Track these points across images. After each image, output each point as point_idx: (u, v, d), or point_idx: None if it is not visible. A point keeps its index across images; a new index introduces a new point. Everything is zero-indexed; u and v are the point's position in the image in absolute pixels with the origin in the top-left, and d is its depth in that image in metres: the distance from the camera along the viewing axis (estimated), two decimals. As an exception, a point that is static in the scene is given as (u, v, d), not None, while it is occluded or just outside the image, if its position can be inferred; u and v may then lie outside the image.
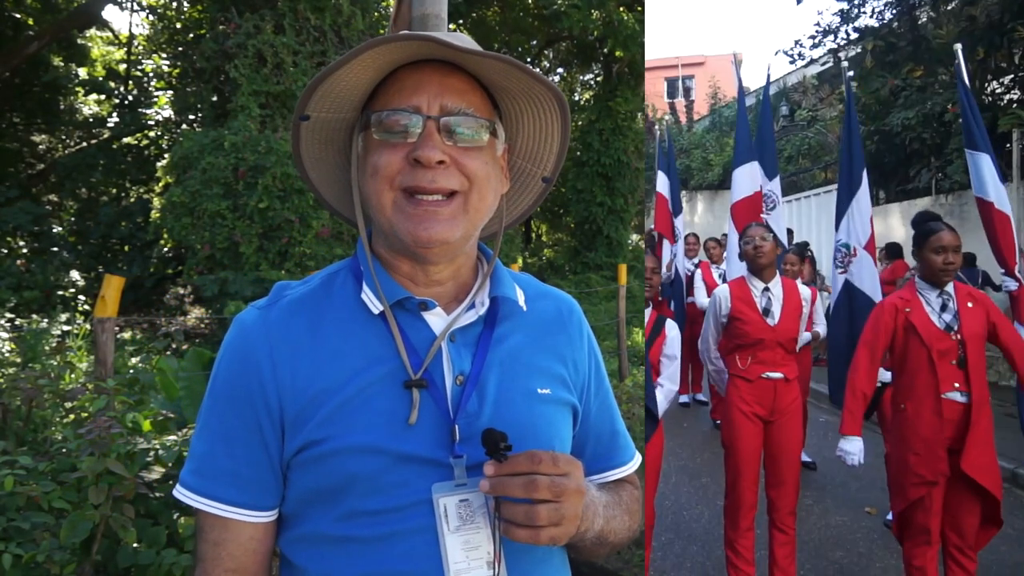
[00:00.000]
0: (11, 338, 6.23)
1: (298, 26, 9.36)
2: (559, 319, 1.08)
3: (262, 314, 0.96)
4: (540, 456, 0.84)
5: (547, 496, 0.82)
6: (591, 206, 14.22)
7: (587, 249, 14.49)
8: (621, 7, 12.23)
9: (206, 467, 0.93)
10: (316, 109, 0.95)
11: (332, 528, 0.90)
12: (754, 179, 5.40)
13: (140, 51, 14.49)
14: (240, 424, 0.92)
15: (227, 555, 0.92)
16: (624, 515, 1.05)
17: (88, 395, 3.00)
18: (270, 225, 8.18)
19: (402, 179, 0.90)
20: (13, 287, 9.09)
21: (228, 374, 0.94)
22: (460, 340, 0.96)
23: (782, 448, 3.17)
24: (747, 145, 5.51)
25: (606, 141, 14.04)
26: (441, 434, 0.91)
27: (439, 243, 0.91)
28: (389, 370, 0.91)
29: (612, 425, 1.14)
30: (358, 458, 0.88)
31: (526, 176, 1.10)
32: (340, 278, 1.00)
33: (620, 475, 1.13)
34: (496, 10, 15.47)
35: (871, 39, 11.26)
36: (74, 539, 2.13)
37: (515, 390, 0.97)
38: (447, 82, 0.92)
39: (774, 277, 3.29)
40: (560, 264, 15.32)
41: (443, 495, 0.89)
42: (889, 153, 11.29)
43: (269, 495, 0.93)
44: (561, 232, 18.52)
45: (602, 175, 14.15)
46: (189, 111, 11.55)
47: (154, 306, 10.95)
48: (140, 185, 13.09)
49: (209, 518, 0.92)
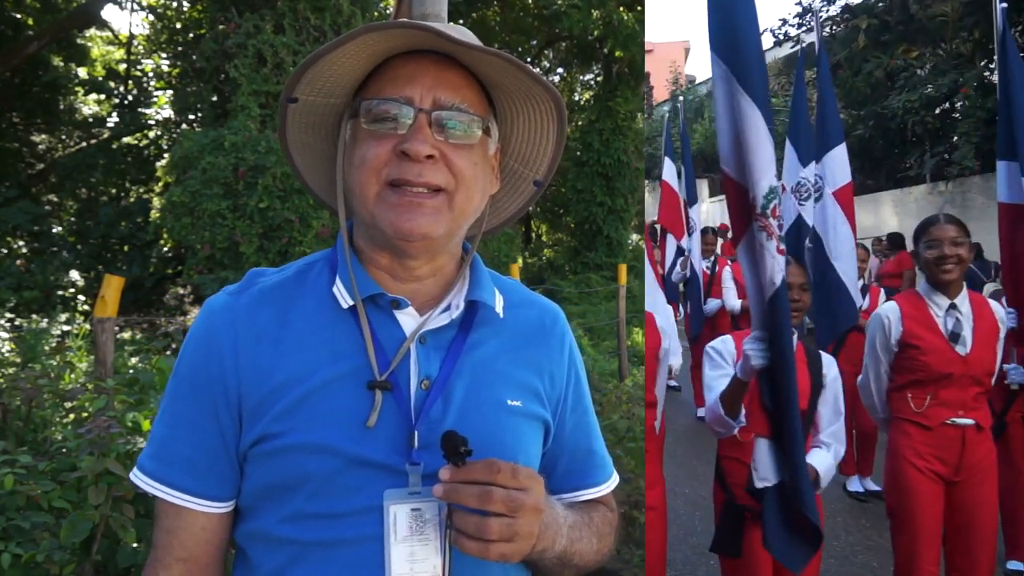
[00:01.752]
0: (11, 338, 6.22)
1: (298, 26, 9.36)
2: (540, 329, 1.04)
3: (231, 300, 0.93)
4: (500, 466, 0.80)
5: (501, 509, 0.78)
6: (591, 206, 14.21)
7: (587, 249, 14.47)
8: (621, 7, 12.22)
9: (163, 452, 0.91)
10: (305, 92, 0.92)
11: (277, 528, 0.87)
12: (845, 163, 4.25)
13: (140, 51, 14.46)
14: (199, 410, 0.90)
15: (179, 544, 0.90)
16: (592, 537, 0.99)
17: (88, 395, 3.00)
18: (270, 225, 8.18)
19: (388, 171, 0.87)
20: (13, 287, 9.08)
21: (191, 358, 0.92)
22: (431, 343, 0.93)
23: (974, 517, 2.46)
24: (836, 123, 4.23)
25: (606, 141, 14.03)
26: (400, 439, 0.87)
27: (420, 236, 0.88)
28: (353, 367, 0.88)
29: (588, 443, 1.09)
30: (311, 457, 0.85)
31: (517, 178, 1.07)
32: (316, 269, 0.97)
33: (592, 495, 1.08)
34: (496, 10, 15.45)
35: (864, 17, 10.70)
36: (74, 539, 2.13)
37: (483, 399, 0.93)
38: (443, 75, 0.89)
39: (961, 291, 2.58)
40: (560, 264, 15.30)
41: (394, 502, 0.85)
42: (882, 138, 10.75)
43: (224, 486, 0.91)
44: (561, 232, 18.50)
45: (602, 175, 14.14)
46: (189, 111, 11.53)
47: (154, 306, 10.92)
48: (140, 185, 13.07)
49: (164, 505, 0.91)
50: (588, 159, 14.22)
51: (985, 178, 9.53)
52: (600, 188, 14.16)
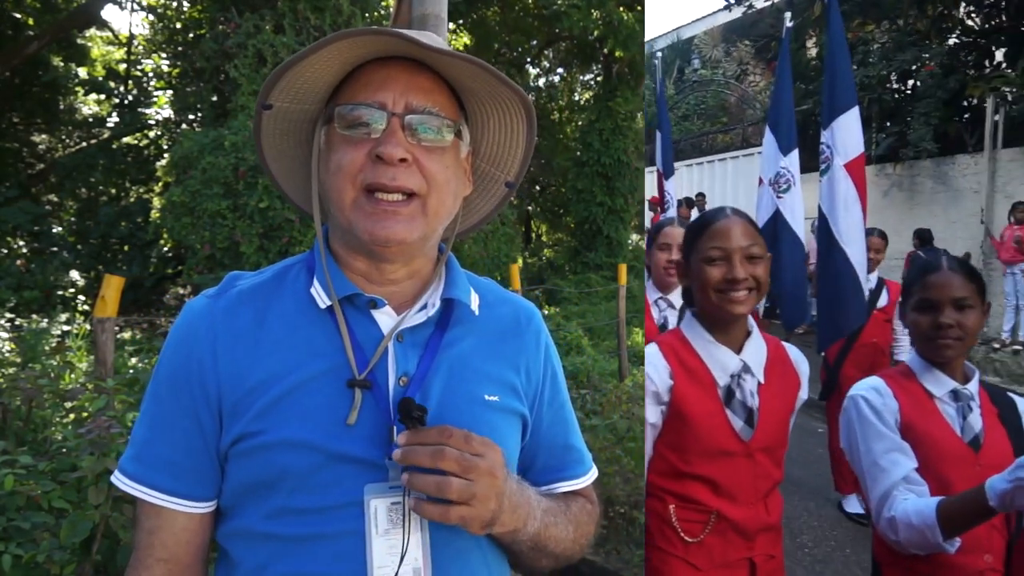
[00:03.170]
0: (11, 338, 6.22)
1: (298, 26, 9.36)
2: (516, 326, 1.06)
3: (210, 303, 0.95)
4: (451, 431, 0.84)
5: (454, 469, 0.82)
6: (591, 206, 14.21)
7: (587, 249, 14.48)
8: (621, 7, 12.23)
9: (144, 453, 0.92)
10: (279, 99, 0.94)
11: (261, 524, 0.88)
12: (858, 131, 3.64)
13: (140, 51, 14.48)
14: (179, 412, 0.91)
15: (159, 544, 0.91)
16: (568, 524, 1.01)
17: (88, 395, 3.00)
18: (270, 225, 8.18)
19: (364, 177, 0.89)
20: (13, 287, 9.08)
21: (171, 361, 0.93)
22: (408, 340, 0.94)
23: None
24: (849, 83, 3.65)
25: (606, 141, 14.04)
26: (379, 434, 0.89)
27: (396, 242, 0.90)
28: (331, 366, 0.90)
29: (566, 438, 1.11)
30: (291, 453, 0.86)
31: (489, 180, 1.09)
32: (293, 271, 0.99)
33: (570, 487, 1.09)
34: (496, 10, 15.45)
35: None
36: (74, 539, 2.13)
37: (461, 394, 0.95)
38: (414, 80, 0.91)
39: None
40: (560, 264, 15.31)
41: (374, 496, 0.87)
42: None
43: (205, 486, 0.92)
44: (561, 232, 18.52)
45: (602, 175, 14.14)
46: (189, 111, 11.55)
47: (154, 306, 10.93)
48: (140, 185, 13.08)
49: (145, 506, 0.92)
50: (588, 159, 14.23)
51: (936, 162, 9.45)
52: (600, 188, 14.17)
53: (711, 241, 1.62)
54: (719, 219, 1.65)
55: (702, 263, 1.62)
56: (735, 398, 1.63)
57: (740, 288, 1.58)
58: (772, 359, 1.70)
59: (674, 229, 2.97)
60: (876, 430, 1.62)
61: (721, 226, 1.63)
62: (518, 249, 13.35)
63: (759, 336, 1.71)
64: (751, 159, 12.12)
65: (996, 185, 8.63)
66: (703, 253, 1.62)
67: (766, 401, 1.65)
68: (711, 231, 1.63)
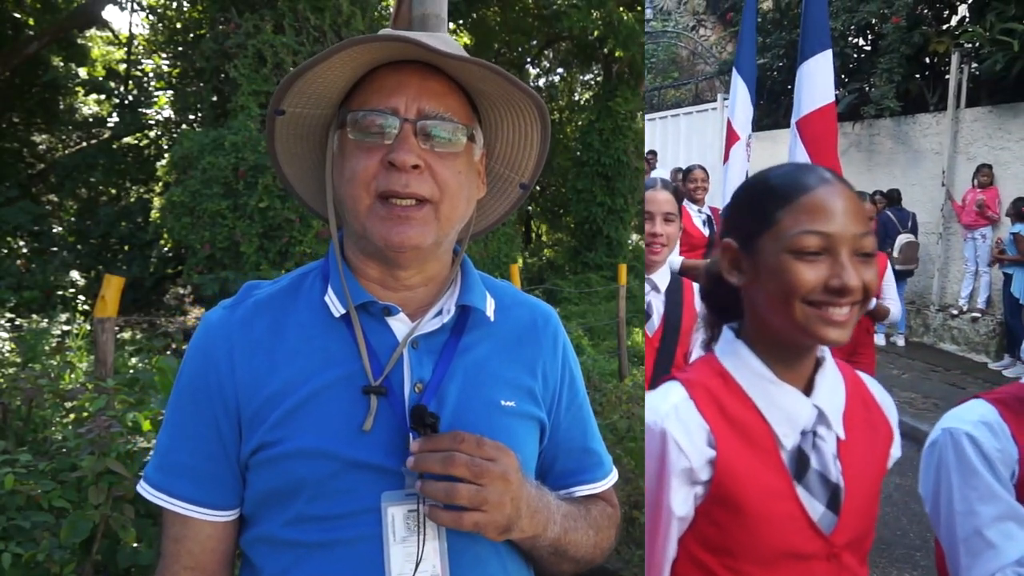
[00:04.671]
0: (11, 338, 6.22)
1: (298, 26, 9.36)
2: (532, 329, 1.05)
3: (227, 313, 0.96)
4: (463, 436, 0.84)
5: (464, 474, 0.82)
6: (591, 206, 14.20)
7: (587, 249, 14.47)
8: (621, 7, 12.22)
9: (167, 463, 0.93)
10: (292, 104, 0.94)
11: (281, 532, 0.89)
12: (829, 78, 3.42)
13: (140, 51, 14.48)
14: (200, 422, 0.92)
15: (186, 552, 0.92)
16: (588, 529, 1.00)
17: (88, 395, 3.00)
18: (270, 225, 8.18)
19: (377, 184, 0.89)
20: (13, 287, 9.08)
21: (191, 372, 0.94)
22: (423, 347, 0.94)
23: None
24: (822, 26, 3.48)
25: (606, 141, 14.02)
26: (395, 442, 0.89)
27: (411, 247, 0.90)
28: (347, 373, 0.90)
29: (584, 442, 1.09)
30: (308, 462, 0.87)
31: (503, 181, 1.09)
32: (309, 280, 0.99)
33: (589, 491, 1.08)
34: (496, 10, 15.45)
35: None
36: (74, 539, 2.13)
37: (477, 400, 0.94)
38: (426, 85, 0.91)
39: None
40: (560, 264, 15.30)
41: (392, 504, 0.87)
42: (788, 70, 9.36)
43: (228, 495, 0.93)
44: (561, 232, 18.50)
45: (602, 175, 14.13)
46: (189, 111, 11.54)
47: (154, 306, 10.93)
48: (140, 185, 13.08)
49: (170, 515, 0.93)
50: (588, 159, 14.22)
51: (896, 121, 8.86)
52: (600, 188, 14.16)
53: (805, 220, 0.96)
54: (813, 184, 0.98)
55: (784, 255, 0.97)
56: (810, 468, 1.04)
57: (845, 301, 0.96)
58: (851, 400, 1.10)
59: (657, 193, 2.29)
60: (984, 486, 1.15)
61: (821, 196, 0.97)
62: (518, 249, 13.35)
63: (833, 365, 1.10)
64: (704, 115, 11.72)
65: (958, 146, 8.08)
66: (787, 240, 0.97)
67: (851, 468, 1.06)
68: (803, 203, 0.97)
